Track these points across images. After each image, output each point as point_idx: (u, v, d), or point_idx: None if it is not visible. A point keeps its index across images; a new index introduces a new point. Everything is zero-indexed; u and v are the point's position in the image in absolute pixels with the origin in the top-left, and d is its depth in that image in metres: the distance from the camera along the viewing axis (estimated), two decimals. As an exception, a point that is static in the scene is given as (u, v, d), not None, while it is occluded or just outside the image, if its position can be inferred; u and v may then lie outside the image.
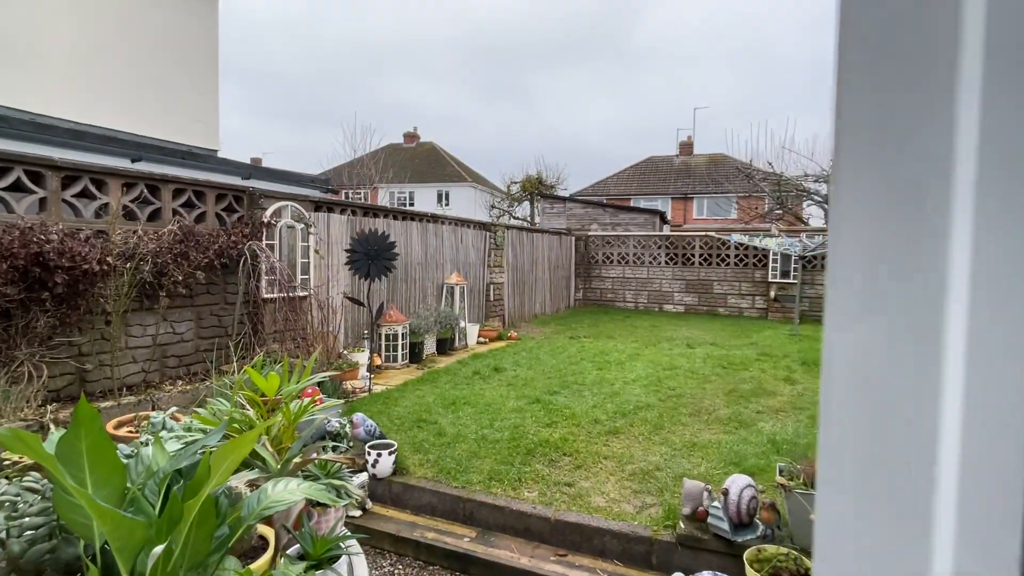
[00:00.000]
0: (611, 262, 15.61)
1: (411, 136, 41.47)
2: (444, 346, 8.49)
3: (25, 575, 1.53)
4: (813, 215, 18.39)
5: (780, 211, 19.05)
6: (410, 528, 3.59)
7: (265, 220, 5.65)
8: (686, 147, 35.99)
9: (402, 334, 7.47)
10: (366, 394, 5.99)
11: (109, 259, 4.10)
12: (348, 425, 4.11)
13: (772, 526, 3.05)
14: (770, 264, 13.45)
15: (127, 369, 4.66)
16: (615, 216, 16.55)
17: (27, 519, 1.63)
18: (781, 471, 3.28)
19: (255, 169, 7.81)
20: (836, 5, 0.38)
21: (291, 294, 5.67)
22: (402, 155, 37.56)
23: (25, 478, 1.83)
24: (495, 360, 7.88)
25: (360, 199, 27.72)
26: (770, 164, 17.38)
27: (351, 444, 4.18)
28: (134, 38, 8.44)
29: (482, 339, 9.62)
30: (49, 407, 3.52)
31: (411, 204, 36.29)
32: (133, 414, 3.70)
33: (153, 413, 2.47)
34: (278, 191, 6.16)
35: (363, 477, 3.74)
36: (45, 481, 1.81)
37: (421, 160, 39.31)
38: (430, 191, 37.52)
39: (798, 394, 6.25)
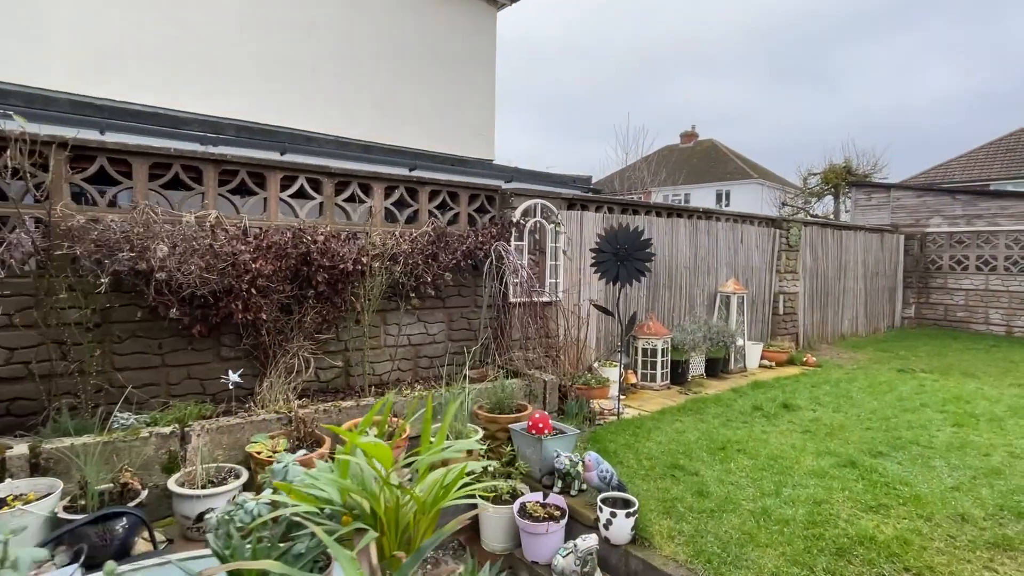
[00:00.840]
0: (964, 268, 11.40)
1: (689, 135, 39.28)
2: (715, 367, 7.06)
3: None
4: None
5: None
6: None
7: (514, 219, 5.31)
8: (1096, 105, 25.03)
9: (662, 350, 6.38)
10: (614, 418, 5.13)
11: (364, 259, 4.19)
12: (580, 465, 3.30)
13: None
14: None
15: (384, 367, 4.80)
16: (970, 205, 12.07)
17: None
18: None
19: (517, 172, 7.77)
20: None
21: (535, 298, 5.20)
22: (678, 156, 35.84)
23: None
24: (785, 392, 6.11)
25: (632, 203, 27.25)
26: None
27: (583, 487, 3.36)
28: (424, 62, 9.39)
29: (766, 362, 7.78)
30: (296, 402, 3.66)
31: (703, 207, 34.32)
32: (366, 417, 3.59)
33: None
34: (531, 189, 5.80)
35: (592, 541, 2.87)
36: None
37: (699, 159, 36.89)
38: (708, 191, 34.85)
39: None
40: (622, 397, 5.52)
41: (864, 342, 10.02)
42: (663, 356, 6.43)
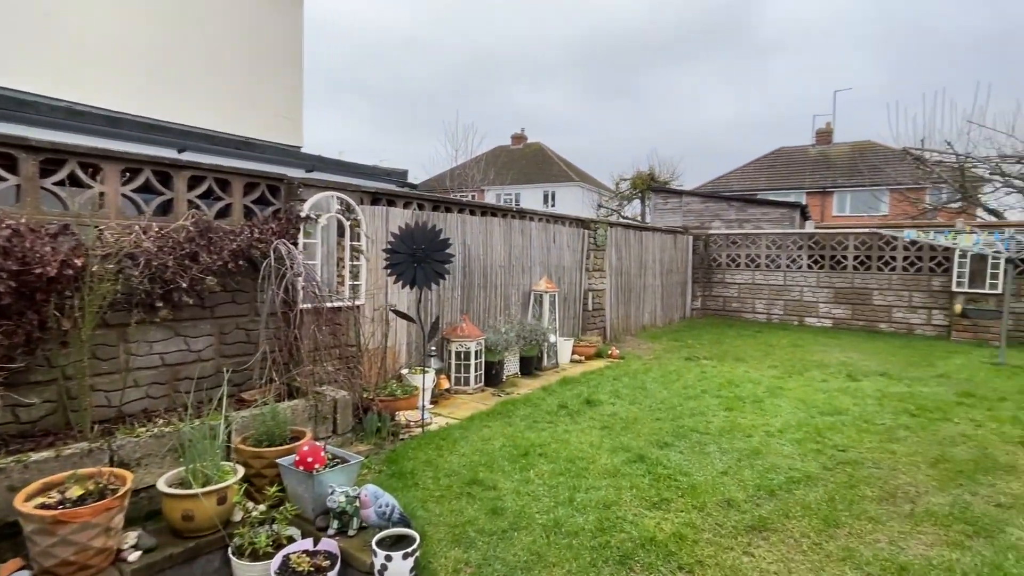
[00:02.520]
0: (738, 265, 13.28)
1: (518, 138, 40.85)
2: (529, 366, 7.10)
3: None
4: (1011, 206, 14.49)
5: (959, 202, 15.33)
6: None
7: (302, 213, 4.64)
8: (824, 135, 31.52)
9: (475, 351, 6.20)
10: (419, 432, 4.77)
11: (78, 260, 3.22)
12: (357, 500, 2.85)
13: None
14: (955, 269, 10.44)
15: (128, 395, 3.82)
16: (742, 211, 14.14)
17: None
18: None
19: (321, 161, 7.00)
20: None
21: (331, 303, 4.60)
22: (508, 157, 36.98)
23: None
24: (589, 388, 6.33)
25: (463, 200, 27.35)
26: (949, 144, 13.91)
27: (364, 524, 2.92)
28: (214, 36, 8.09)
29: (577, 357, 8.10)
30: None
31: (517, 205, 35.57)
32: (69, 472, 2.73)
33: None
34: (325, 180, 5.15)
35: (362, 593, 2.45)
36: None
37: (528, 161, 38.52)
38: (536, 192, 36.59)
39: (1060, 473, 4.01)
40: (429, 407, 5.20)
41: (661, 332, 11.09)
42: (477, 358, 6.26)
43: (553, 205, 35.11)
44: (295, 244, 4.52)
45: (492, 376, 6.43)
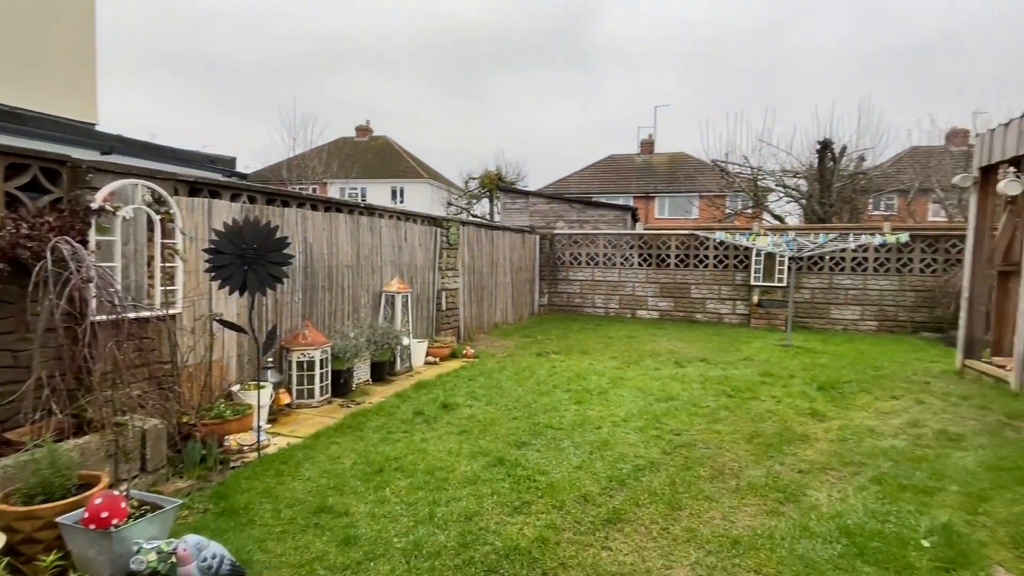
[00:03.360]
0: (579, 263, 14.12)
1: (363, 130, 39.13)
2: (381, 371, 6.73)
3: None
4: (790, 213, 17.45)
5: (752, 208, 18.06)
6: None
7: (94, 205, 3.78)
8: (647, 145, 35.13)
9: (321, 360, 5.68)
10: (255, 457, 4.19)
11: None
12: (174, 557, 2.35)
13: None
14: (752, 265, 12.25)
15: None
16: (583, 212, 15.08)
17: None
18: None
19: (120, 142, 5.85)
20: None
21: (135, 314, 3.82)
22: (352, 149, 35.22)
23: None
24: (445, 390, 6.17)
25: (303, 194, 25.44)
26: (746, 158, 16.32)
27: (183, 583, 2.41)
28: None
29: (431, 359, 7.89)
30: None
31: (364, 200, 34.05)
32: None
33: None
34: (127, 165, 4.27)
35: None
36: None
37: (375, 155, 37.10)
38: (383, 187, 35.40)
39: (838, 438, 4.82)
40: (266, 427, 4.63)
41: (512, 329, 11.35)
42: (323, 367, 5.74)
43: (402, 201, 34.30)
44: (84, 242, 3.66)
45: (341, 386, 5.95)
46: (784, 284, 11.74)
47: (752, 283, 12.31)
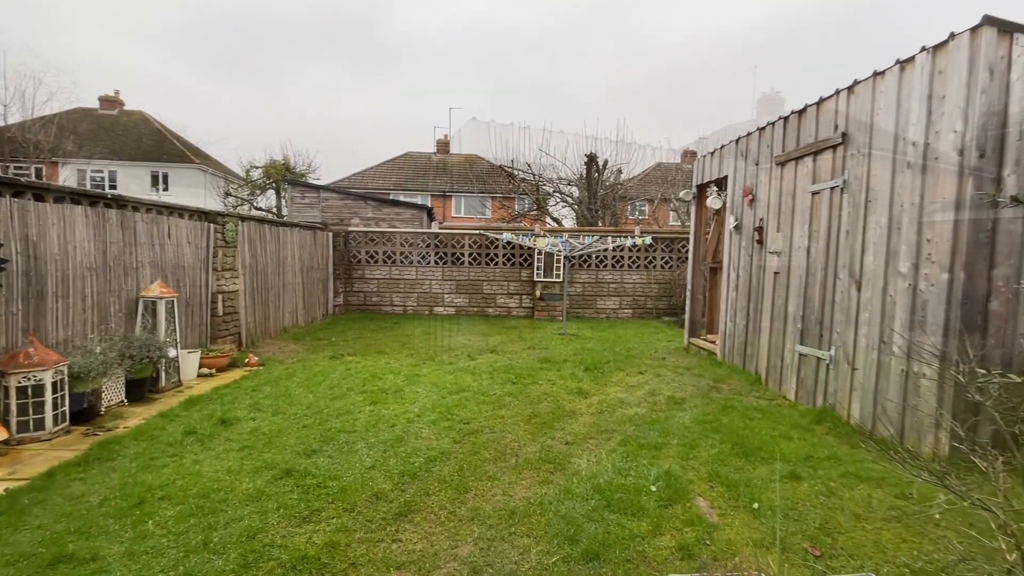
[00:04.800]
0: (376, 262, 13.94)
1: (111, 101, 32.53)
2: (141, 389, 5.83)
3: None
4: (566, 216, 19.61)
5: (536, 211, 19.88)
6: None
7: None
8: (443, 145, 36.03)
9: (54, 383, 4.71)
10: (-46, 511, 3.34)
11: None
12: None
13: None
14: (535, 263, 13.54)
15: None
16: (379, 210, 14.90)
17: None
18: None
19: None
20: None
21: None
22: (95, 124, 29.24)
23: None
24: (223, 405, 5.63)
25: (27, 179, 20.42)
26: (528, 165, 17.86)
27: None
28: None
29: (206, 370, 7.08)
30: None
31: (113, 187, 28.36)
32: None
33: None
34: None
35: None
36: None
37: (127, 133, 31.20)
38: (141, 171, 29.98)
39: (598, 411, 5.69)
40: (-27, 471, 3.71)
41: (304, 332, 10.75)
42: (57, 391, 4.77)
43: (166, 189, 29.51)
44: None
45: (85, 411, 5.02)
46: (561, 279, 13.23)
47: (535, 279, 13.60)
